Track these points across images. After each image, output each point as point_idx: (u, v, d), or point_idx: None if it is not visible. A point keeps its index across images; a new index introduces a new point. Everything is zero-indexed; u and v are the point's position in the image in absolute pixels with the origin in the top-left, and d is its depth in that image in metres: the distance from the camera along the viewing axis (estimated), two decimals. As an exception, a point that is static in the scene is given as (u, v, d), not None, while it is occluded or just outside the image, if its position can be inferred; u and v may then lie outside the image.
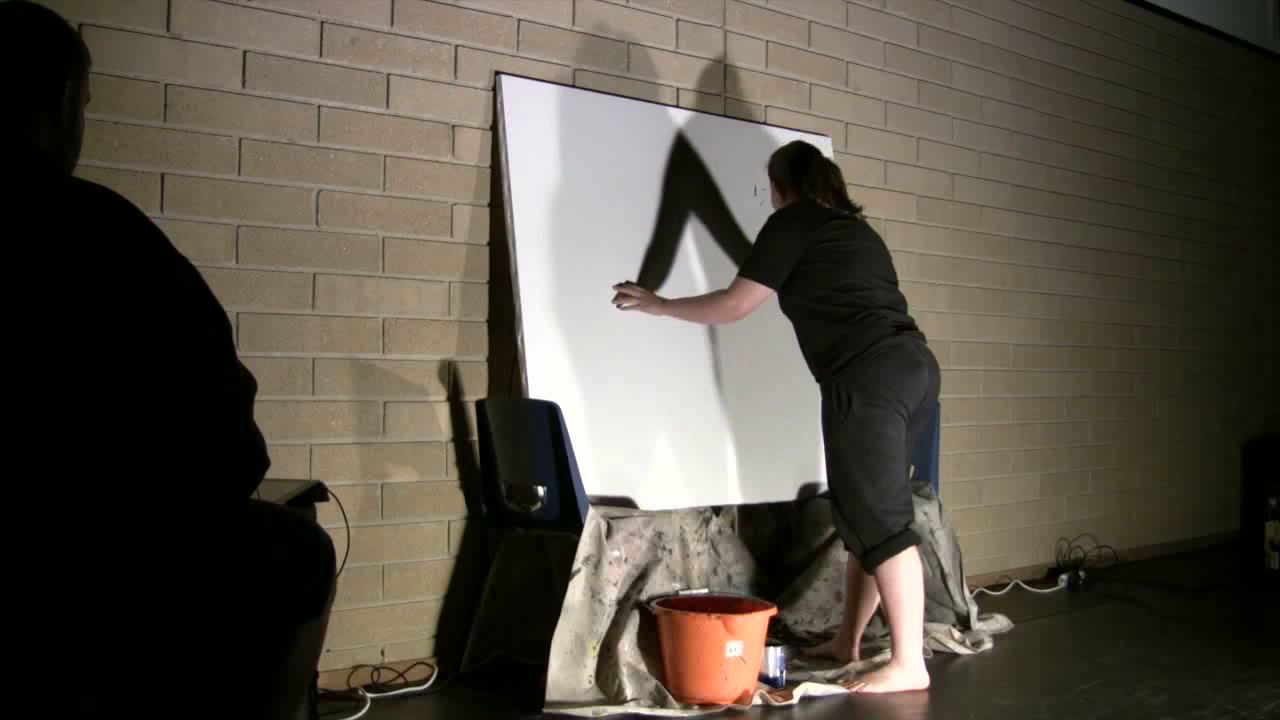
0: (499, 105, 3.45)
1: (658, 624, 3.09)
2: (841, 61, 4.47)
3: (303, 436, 3.12)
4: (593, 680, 3.03)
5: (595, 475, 3.34)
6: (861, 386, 3.21)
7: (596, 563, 3.08)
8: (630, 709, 2.94)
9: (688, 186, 3.83)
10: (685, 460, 3.64)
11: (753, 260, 3.41)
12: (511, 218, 3.37)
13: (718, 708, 3.02)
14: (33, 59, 1.70)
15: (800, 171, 3.48)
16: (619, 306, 3.52)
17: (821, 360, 3.33)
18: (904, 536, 3.23)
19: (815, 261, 3.32)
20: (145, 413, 1.57)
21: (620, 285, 3.53)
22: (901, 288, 3.47)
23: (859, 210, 3.49)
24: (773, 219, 3.44)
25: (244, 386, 1.70)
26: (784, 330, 3.51)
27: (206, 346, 1.64)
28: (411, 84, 3.34)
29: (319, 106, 3.17)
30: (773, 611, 3.19)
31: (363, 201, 3.25)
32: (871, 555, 3.23)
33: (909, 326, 3.34)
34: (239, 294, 3.02)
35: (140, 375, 1.57)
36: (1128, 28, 5.74)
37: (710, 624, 3.01)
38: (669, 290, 3.69)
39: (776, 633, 3.52)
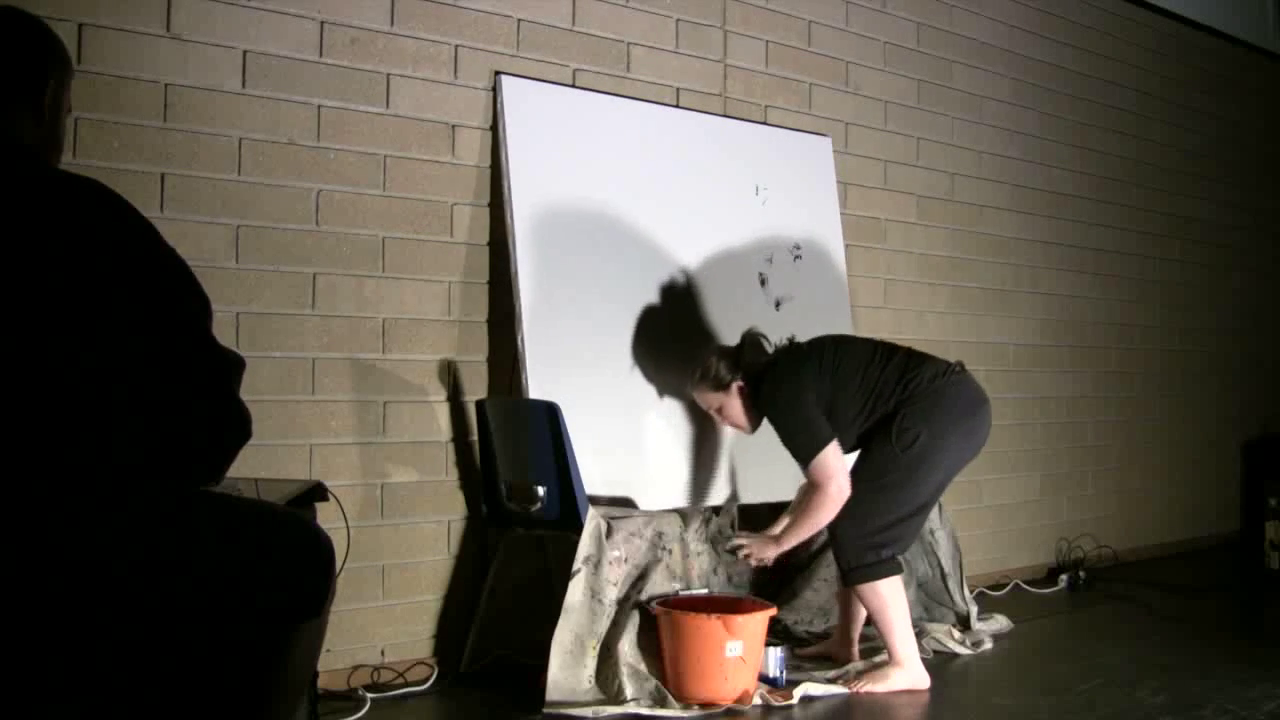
0: (499, 105, 3.45)
1: (658, 624, 3.09)
2: (841, 61, 4.47)
3: (303, 436, 3.12)
4: (593, 680, 3.03)
5: (595, 475, 3.33)
6: (930, 424, 3.23)
7: (596, 563, 3.08)
8: (630, 709, 2.94)
9: (688, 187, 3.83)
10: (685, 460, 3.64)
11: (800, 441, 3.24)
12: (511, 218, 3.37)
13: (718, 708, 3.02)
14: (15, 59, 1.72)
15: (735, 361, 3.39)
16: (757, 564, 3.41)
17: (883, 418, 3.29)
18: (888, 565, 3.24)
19: (831, 397, 3.27)
20: (135, 401, 1.59)
21: (740, 542, 3.39)
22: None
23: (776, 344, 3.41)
24: (774, 402, 3.29)
25: (232, 364, 1.71)
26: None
27: (191, 330, 1.66)
28: (411, 84, 3.34)
29: (319, 106, 3.17)
30: (773, 611, 3.19)
31: (363, 201, 3.25)
32: (852, 575, 3.26)
33: (955, 367, 3.36)
34: (239, 294, 3.02)
35: (127, 363, 1.58)
36: (1128, 28, 5.74)
37: (710, 624, 3.01)
38: (671, 294, 3.69)
39: (776, 633, 3.52)
